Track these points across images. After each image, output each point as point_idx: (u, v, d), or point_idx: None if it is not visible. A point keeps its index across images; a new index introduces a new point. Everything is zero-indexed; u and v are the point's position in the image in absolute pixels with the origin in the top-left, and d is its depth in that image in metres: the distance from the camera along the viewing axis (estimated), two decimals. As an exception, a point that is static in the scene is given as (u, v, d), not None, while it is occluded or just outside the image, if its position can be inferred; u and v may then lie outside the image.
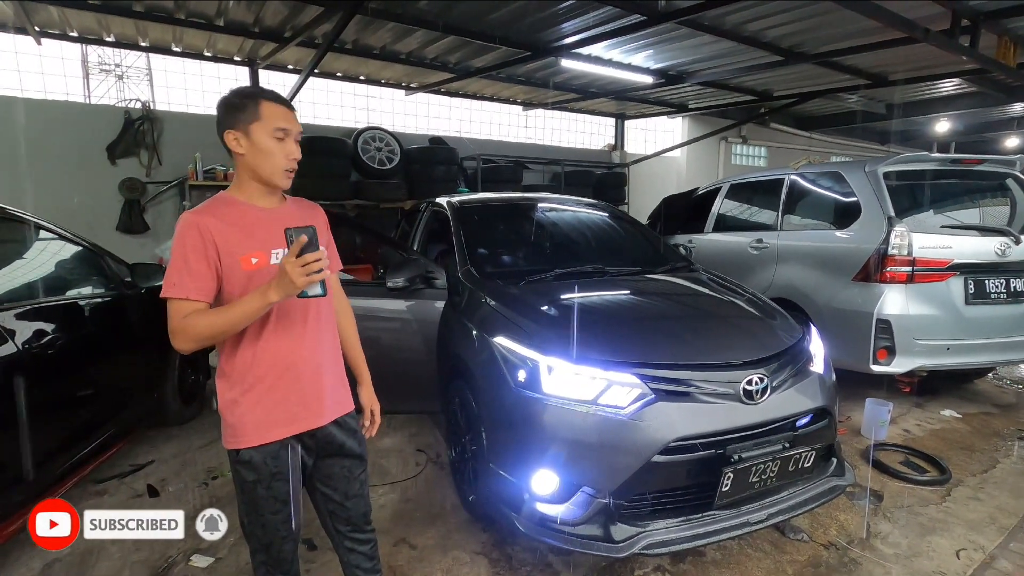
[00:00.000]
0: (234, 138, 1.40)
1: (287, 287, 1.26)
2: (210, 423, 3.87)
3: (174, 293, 1.33)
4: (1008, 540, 2.48)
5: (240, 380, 1.44)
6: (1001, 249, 3.63)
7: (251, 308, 1.30)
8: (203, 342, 1.34)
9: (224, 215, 1.40)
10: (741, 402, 2.09)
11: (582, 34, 5.41)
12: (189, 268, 1.33)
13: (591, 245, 3.59)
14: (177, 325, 1.33)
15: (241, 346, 1.42)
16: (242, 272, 1.37)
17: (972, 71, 6.41)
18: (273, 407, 1.44)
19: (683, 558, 2.33)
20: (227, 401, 1.46)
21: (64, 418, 2.57)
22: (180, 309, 1.33)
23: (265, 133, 1.39)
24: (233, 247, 1.37)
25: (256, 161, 1.41)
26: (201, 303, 1.34)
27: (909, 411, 4.02)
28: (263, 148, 1.39)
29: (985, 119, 10.59)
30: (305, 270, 1.24)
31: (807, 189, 4.38)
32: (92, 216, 5.62)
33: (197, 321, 1.31)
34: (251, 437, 1.43)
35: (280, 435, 1.45)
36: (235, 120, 1.40)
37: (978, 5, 4.65)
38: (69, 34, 5.41)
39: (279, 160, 1.41)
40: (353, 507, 1.62)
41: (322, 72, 6.79)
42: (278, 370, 1.44)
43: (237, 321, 1.32)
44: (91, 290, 3.05)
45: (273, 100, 1.42)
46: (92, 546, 2.43)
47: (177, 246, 1.36)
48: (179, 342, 1.33)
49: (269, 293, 1.28)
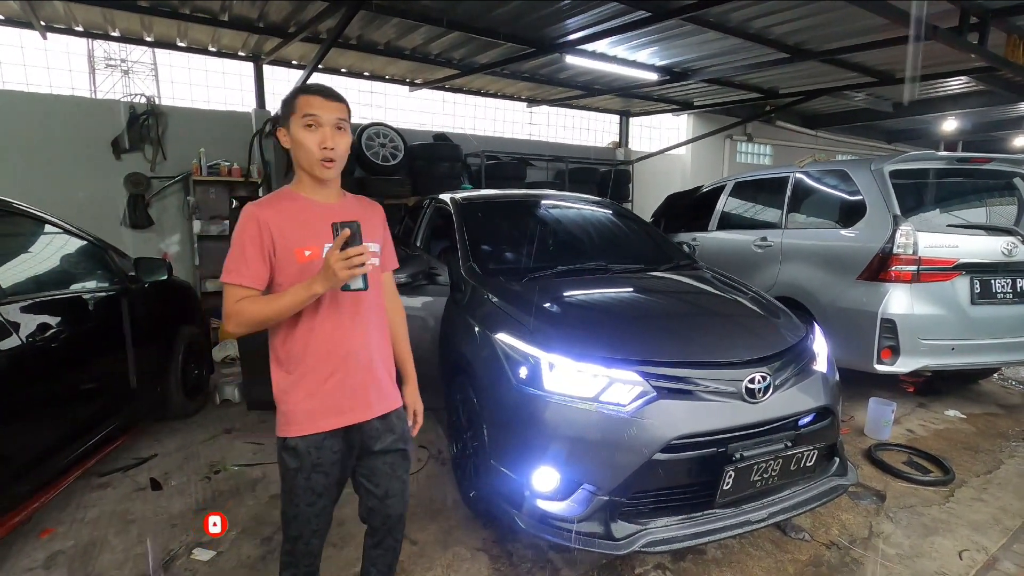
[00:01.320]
0: (282, 135, 1.48)
1: (330, 279, 1.31)
2: (213, 417, 3.89)
3: (230, 279, 1.41)
4: (1011, 541, 2.47)
5: (292, 371, 1.49)
6: (1008, 249, 3.60)
7: (296, 299, 1.36)
8: (252, 327, 1.41)
9: (282, 208, 1.46)
10: (743, 400, 2.08)
11: (587, 30, 5.38)
12: (245, 257, 1.40)
13: (594, 242, 3.58)
14: (231, 309, 1.40)
15: (293, 337, 1.47)
16: (295, 264, 1.43)
17: (980, 69, 6.35)
18: (322, 399, 1.48)
19: (684, 556, 2.33)
20: (280, 390, 1.51)
21: (68, 411, 2.58)
22: (234, 294, 1.41)
23: (298, 124, 1.43)
24: (288, 239, 1.43)
25: (296, 154, 1.47)
26: (254, 290, 1.42)
27: (913, 411, 4.00)
28: (297, 139, 1.44)
29: (993, 118, 10.49)
30: (347, 263, 1.28)
31: (812, 187, 4.35)
32: (96, 211, 5.63)
33: (248, 307, 1.39)
34: (299, 426, 1.48)
35: (327, 426, 1.49)
36: (282, 118, 1.48)
37: (987, 2, 4.60)
38: (75, 29, 5.41)
39: (312, 150, 1.43)
40: (392, 506, 1.64)
41: (326, 68, 6.78)
42: (328, 363, 1.48)
43: (283, 310, 1.38)
44: (95, 284, 3.06)
45: (309, 91, 1.45)
46: (95, 538, 2.45)
47: (237, 235, 1.43)
48: (230, 325, 1.41)
49: (313, 285, 1.34)
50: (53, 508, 2.66)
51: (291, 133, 1.44)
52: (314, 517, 1.54)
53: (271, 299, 1.40)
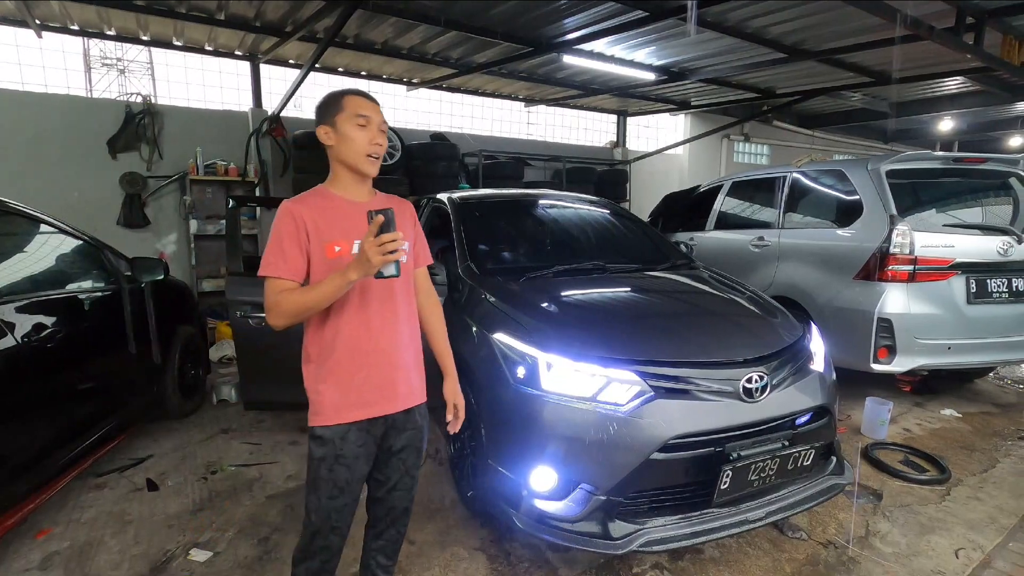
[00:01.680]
0: (324, 132, 1.53)
1: (365, 266, 1.35)
2: (210, 417, 3.88)
3: (268, 272, 1.47)
4: (1007, 540, 2.48)
5: (322, 364, 1.54)
6: (1003, 248, 3.62)
7: (332, 287, 1.41)
8: (293, 318, 1.46)
9: (317, 205, 1.53)
10: (741, 400, 2.08)
11: (584, 30, 5.38)
12: (283, 251, 1.47)
13: (592, 242, 3.58)
14: (272, 301, 1.46)
15: (323, 332, 1.53)
16: (326, 258, 1.49)
17: (976, 69, 6.38)
18: (349, 391, 1.53)
19: (681, 556, 2.33)
20: (310, 382, 1.56)
21: (64, 411, 2.57)
22: (275, 286, 1.47)
23: (348, 122, 1.50)
24: (321, 234, 1.49)
25: (342, 149, 1.52)
26: (292, 283, 1.48)
27: (909, 410, 4.01)
28: (346, 135, 1.50)
29: (989, 118, 10.54)
30: (381, 249, 1.32)
31: (809, 187, 4.36)
32: (93, 210, 5.61)
33: (287, 298, 1.45)
34: (326, 416, 1.53)
35: (352, 418, 1.54)
36: (324, 115, 1.53)
37: (983, 3, 4.62)
38: (70, 27, 5.39)
39: (361, 145, 1.50)
40: (398, 499, 1.70)
41: (323, 67, 6.78)
42: (355, 357, 1.53)
43: (320, 299, 1.43)
44: (91, 284, 3.05)
45: (356, 93, 1.54)
46: (91, 539, 2.44)
47: (275, 231, 1.50)
48: (272, 317, 1.47)
49: (348, 272, 1.39)
50: (49, 509, 2.65)
51: (338, 130, 1.50)
52: (335, 512, 1.57)
53: (308, 289, 1.46)
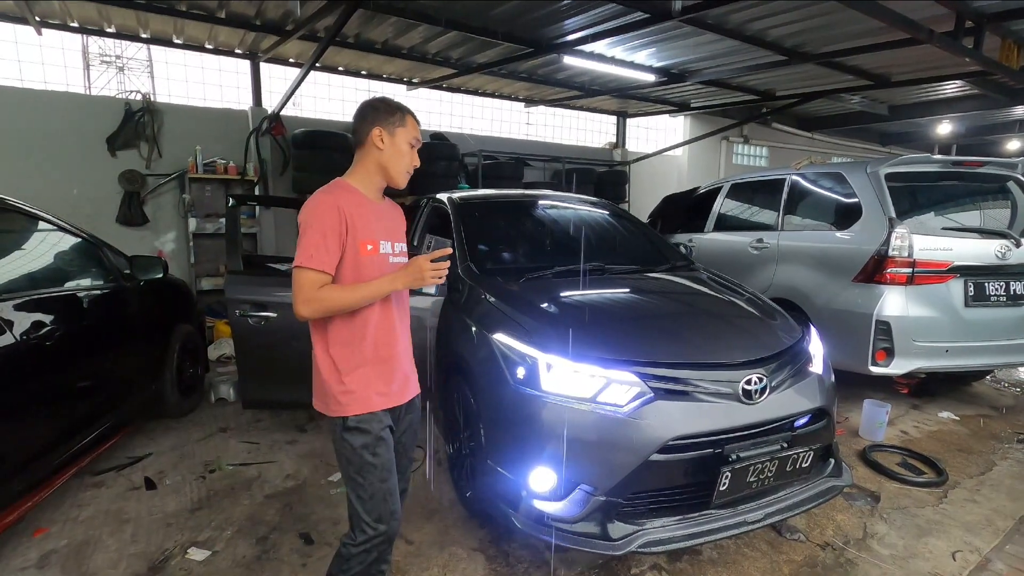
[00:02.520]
0: (379, 134, 1.59)
1: (416, 281, 1.53)
2: (209, 416, 3.87)
3: (312, 264, 1.48)
4: (1004, 542, 2.49)
5: (351, 355, 1.59)
6: (1001, 252, 3.63)
7: (380, 291, 1.53)
8: (329, 313, 1.52)
9: (353, 201, 1.57)
10: (740, 402, 2.09)
11: (585, 31, 5.38)
12: (327, 244, 1.49)
13: (591, 243, 3.58)
14: (312, 294, 1.48)
15: (352, 328, 1.58)
16: (359, 256, 1.55)
17: (975, 73, 6.39)
18: (378, 380, 1.61)
19: (680, 557, 2.34)
20: (336, 374, 1.58)
21: (61, 409, 2.57)
22: (314, 280, 1.49)
23: (405, 139, 1.62)
24: (359, 231, 1.54)
25: (391, 159, 1.61)
26: (328, 276, 1.51)
27: (907, 413, 4.03)
28: (400, 149, 1.61)
29: (987, 122, 10.56)
30: (436, 273, 1.53)
31: (808, 189, 4.37)
32: (91, 208, 5.59)
33: (329, 294, 1.49)
34: (360, 405, 1.58)
35: (382, 405, 1.62)
36: (384, 120, 1.59)
37: (982, 7, 4.63)
38: (70, 24, 5.37)
39: (408, 163, 1.64)
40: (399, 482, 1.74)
41: (324, 66, 6.76)
42: (380, 348, 1.62)
43: (363, 300, 1.52)
44: (90, 282, 3.04)
45: (415, 116, 1.67)
46: (89, 537, 2.44)
47: (318, 222, 1.50)
48: (306, 309, 1.48)
49: (396, 282, 1.53)
50: (46, 507, 2.64)
51: (395, 141, 1.60)
52: (389, 495, 1.61)
53: (355, 289, 1.51)
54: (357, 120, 1.63)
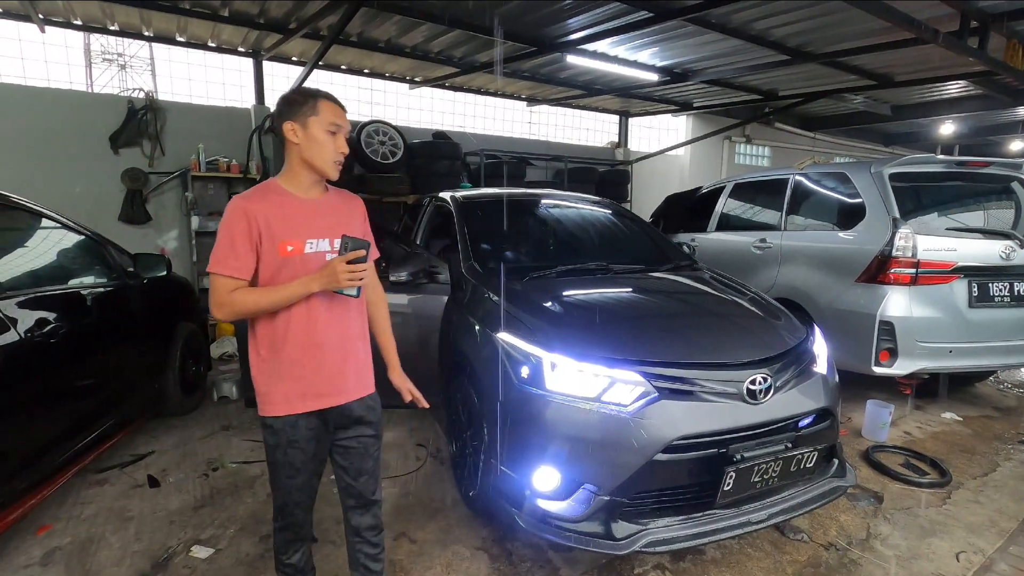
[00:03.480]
0: (291, 128, 1.53)
1: (331, 283, 1.47)
2: (211, 414, 3.88)
3: (220, 270, 1.49)
4: (1008, 544, 2.48)
5: (271, 356, 1.57)
6: (1006, 252, 3.62)
7: (293, 294, 1.49)
8: (242, 316, 1.52)
9: (270, 201, 1.54)
10: (744, 401, 2.09)
11: (588, 30, 5.37)
12: (235, 249, 1.48)
13: (595, 242, 3.58)
14: (223, 299, 1.49)
15: (275, 324, 1.55)
16: (277, 257, 1.52)
17: (979, 73, 6.37)
18: (299, 382, 1.57)
19: (683, 556, 2.34)
20: (259, 371, 1.59)
21: (65, 407, 2.56)
22: (224, 285, 1.49)
23: (321, 127, 1.53)
24: (274, 233, 1.51)
25: (311, 151, 1.54)
26: (242, 281, 1.50)
27: (910, 413, 4.02)
28: (317, 139, 1.53)
29: (991, 122, 10.53)
30: (351, 276, 1.46)
31: (811, 189, 4.36)
32: (94, 206, 5.59)
33: (241, 297, 1.48)
34: (277, 407, 1.57)
35: (303, 408, 1.58)
36: (295, 113, 1.53)
37: (987, 6, 4.62)
38: (73, 22, 5.37)
39: (330, 152, 1.55)
40: (364, 485, 1.73)
41: (326, 64, 6.75)
42: (305, 349, 1.56)
43: (278, 302, 1.50)
44: (93, 279, 3.04)
45: (330, 99, 1.57)
46: (92, 535, 2.44)
47: (225, 227, 1.50)
48: (220, 313, 1.50)
49: (312, 284, 1.48)
50: (50, 505, 2.65)
51: (308, 132, 1.53)
52: (296, 490, 1.65)
53: (267, 291, 1.50)
54: (273, 117, 1.60)
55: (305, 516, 1.73)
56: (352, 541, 1.78)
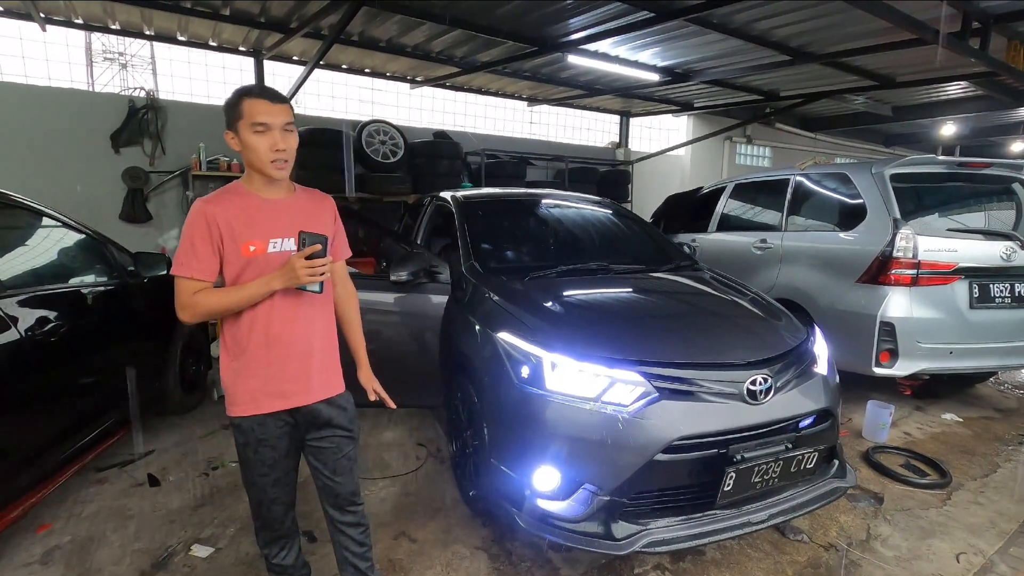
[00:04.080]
0: (231, 137, 1.55)
1: (291, 280, 1.46)
2: (212, 412, 3.88)
3: (181, 272, 1.51)
4: (1008, 545, 2.48)
5: (238, 355, 1.58)
6: (1007, 253, 3.61)
7: (255, 292, 1.49)
8: (206, 317, 1.54)
9: (231, 204, 1.53)
10: (744, 402, 2.08)
11: (589, 30, 5.37)
12: (195, 251, 1.50)
13: (595, 242, 3.58)
14: (186, 301, 1.51)
15: (240, 323, 1.56)
16: (240, 257, 1.52)
17: (980, 74, 6.37)
18: (264, 382, 1.57)
19: (683, 557, 2.33)
20: (226, 371, 1.62)
21: (65, 406, 2.56)
22: (187, 287, 1.51)
23: (247, 130, 1.50)
24: (235, 234, 1.51)
25: (247, 156, 1.53)
26: (205, 282, 1.51)
27: (910, 414, 4.02)
28: (247, 143, 1.50)
29: (991, 122, 10.52)
30: (310, 271, 1.45)
31: (812, 190, 4.36)
32: (95, 204, 5.60)
33: (204, 299, 1.50)
34: (243, 407, 1.58)
35: (269, 408, 1.58)
36: (229, 120, 1.54)
37: (989, 7, 4.62)
38: (74, 21, 5.38)
39: (263, 153, 1.50)
40: (340, 485, 1.71)
41: (327, 64, 6.76)
42: (269, 349, 1.56)
43: (240, 302, 1.50)
44: (94, 278, 3.04)
45: (254, 96, 1.51)
46: (92, 534, 2.44)
47: (186, 231, 1.51)
48: (185, 315, 1.53)
49: (273, 282, 1.47)
50: (50, 503, 2.65)
51: (241, 136, 1.51)
52: (269, 487, 1.65)
53: (229, 291, 1.51)
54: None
55: (284, 513, 1.73)
56: (337, 540, 1.78)
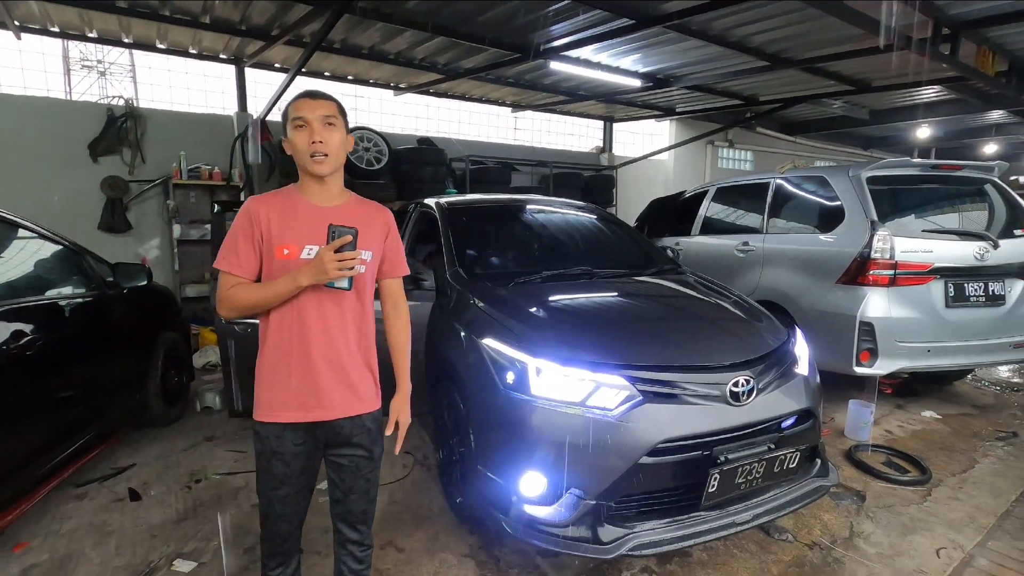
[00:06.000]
0: (286, 144, 1.56)
1: (319, 274, 1.42)
2: (194, 425, 3.82)
3: (221, 267, 1.52)
4: (987, 539, 2.53)
5: (262, 360, 1.58)
6: (980, 253, 3.70)
7: (283, 288, 1.47)
8: (241, 312, 1.52)
9: (277, 204, 1.55)
10: (727, 404, 2.11)
11: (571, 37, 5.42)
12: (236, 248, 1.51)
13: (579, 247, 3.60)
14: (224, 294, 1.52)
15: (268, 325, 1.56)
16: (275, 259, 1.51)
17: (952, 79, 6.53)
18: (283, 392, 1.54)
19: (670, 559, 2.35)
20: (256, 378, 1.60)
21: (42, 420, 2.52)
22: (226, 281, 1.52)
23: (291, 129, 1.52)
24: (275, 235, 1.51)
25: (294, 156, 1.54)
26: (239, 279, 1.51)
27: (891, 412, 4.08)
28: (292, 142, 1.53)
29: (964, 126, 10.79)
30: (339, 264, 1.40)
31: (792, 193, 4.43)
32: (73, 215, 5.51)
33: (237, 293, 1.50)
34: (263, 413, 1.56)
35: (286, 418, 1.55)
36: (284, 129, 1.56)
37: (959, 14, 4.74)
38: (50, 29, 5.30)
39: (302, 147, 1.50)
40: (354, 503, 1.68)
41: (310, 71, 6.73)
42: (290, 359, 1.54)
43: (269, 297, 1.49)
44: (72, 290, 2.99)
45: (297, 98, 1.54)
46: (71, 551, 2.39)
47: (233, 226, 1.54)
48: (222, 308, 1.53)
49: (299, 277, 1.44)
50: (28, 520, 2.59)
51: (289, 139, 1.53)
52: (277, 502, 1.61)
53: (258, 287, 1.51)
54: None
55: (289, 531, 1.68)
56: (338, 553, 1.77)
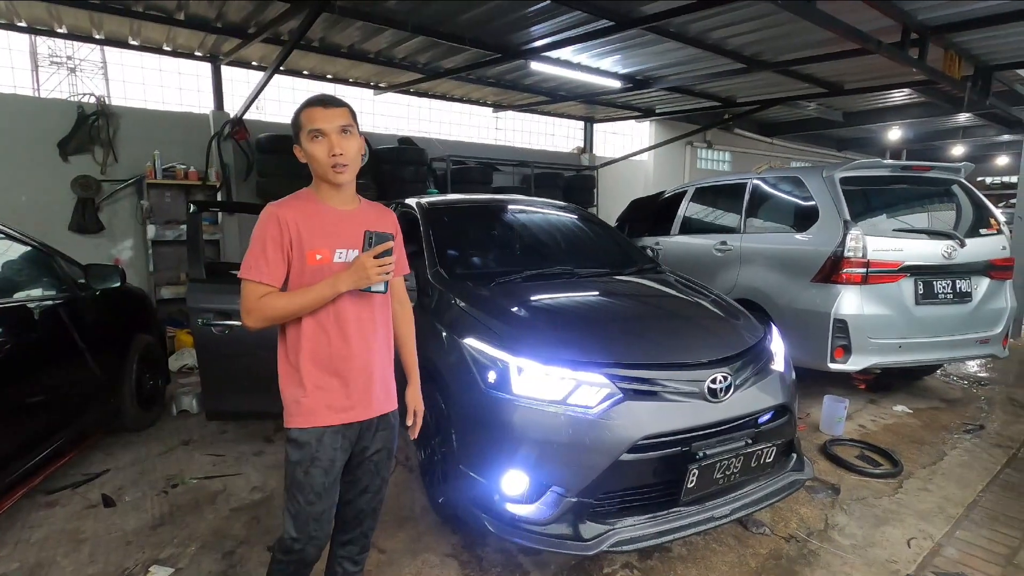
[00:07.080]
0: (298, 151, 1.55)
1: (360, 279, 1.44)
2: (170, 429, 3.75)
3: (251, 276, 1.48)
4: (955, 529, 2.61)
5: (299, 365, 1.54)
6: (948, 252, 3.81)
7: (321, 295, 1.46)
8: (271, 321, 1.49)
9: (303, 209, 1.53)
10: (706, 400, 2.14)
11: (551, 37, 5.45)
12: (266, 256, 1.47)
13: (560, 247, 3.62)
14: (252, 305, 1.47)
15: (302, 334, 1.52)
16: (307, 265, 1.50)
17: (921, 82, 6.73)
18: (324, 395, 1.54)
19: (650, 554, 2.38)
20: (286, 384, 1.57)
21: (11, 426, 2.45)
22: (254, 291, 1.48)
23: (307, 140, 1.50)
24: (305, 241, 1.50)
25: (311, 166, 1.53)
26: (269, 287, 1.48)
27: (864, 407, 4.18)
28: (308, 153, 1.51)
29: (933, 128, 11.12)
30: (380, 268, 1.44)
31: (769, 193, 4.52)
32: (42, 215, 5.36)
33: (270, 302, 1.47)
34: (303, 419, 1.54)
35: (327, 421, 1.54)
36: (294, 134, 1.54)
37: (927, 20, 4.88)
38: (17, 24, 5.15)
39: (323, 158, 1.49)
40: (367, 501, 1.71)
41: (288, 70, 6.66)
42: (333, 360, 1.54)
43: (306, 305, 1.48)
44: (41, 292, 2.92)
45: (309, 105, 1.52)
46: (42, 559, 2.33)
47: (258, 233, 1.50)
48: (251, 320, 1.48)
49: (339, 283, 1.44)
50: (-5, 529, 2.52)
51: (303, 148, 1.51)
52: (313, 520, 1.57)
53: (294, 295, 1.48)
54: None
55: (315, 557, 1.63)
56: (335, 553, 1.76)
